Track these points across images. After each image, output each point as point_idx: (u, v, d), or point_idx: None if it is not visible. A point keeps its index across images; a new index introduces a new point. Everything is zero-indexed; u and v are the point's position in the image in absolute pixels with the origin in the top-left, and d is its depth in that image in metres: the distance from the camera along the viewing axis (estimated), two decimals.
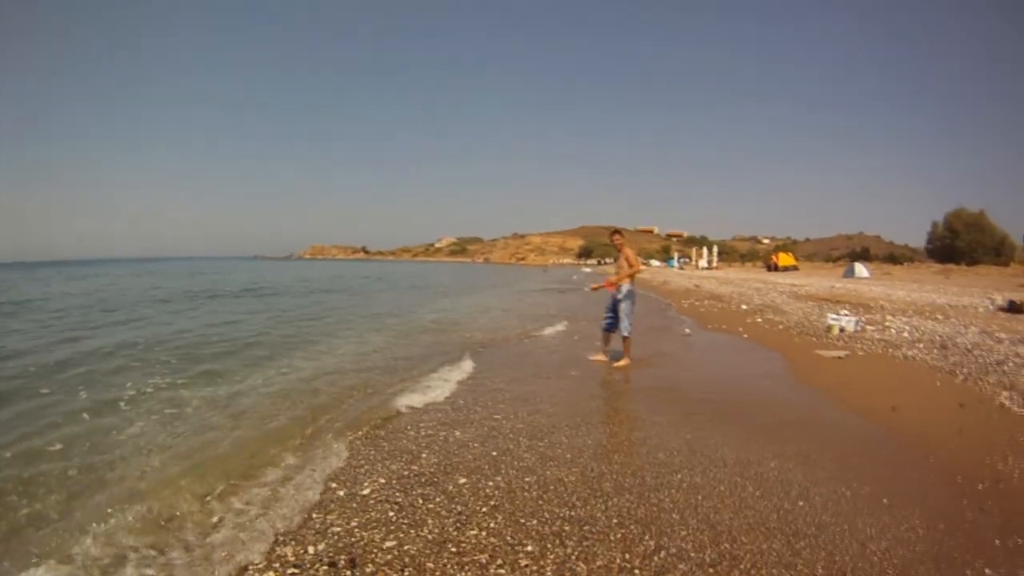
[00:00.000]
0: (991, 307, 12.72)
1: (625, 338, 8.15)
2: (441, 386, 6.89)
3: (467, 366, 8.19)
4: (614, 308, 8.24)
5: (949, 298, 15.53)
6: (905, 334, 9.31)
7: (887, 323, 10.61)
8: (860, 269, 34.46)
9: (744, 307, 15.07)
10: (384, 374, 7.69)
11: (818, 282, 26.14)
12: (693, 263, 72.63)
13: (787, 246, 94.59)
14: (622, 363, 8.10)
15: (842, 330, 9.73)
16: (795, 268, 51.51)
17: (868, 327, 10.24)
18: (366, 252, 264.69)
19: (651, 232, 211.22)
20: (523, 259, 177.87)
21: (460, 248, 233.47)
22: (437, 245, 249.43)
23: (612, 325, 8.31)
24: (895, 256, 72.35)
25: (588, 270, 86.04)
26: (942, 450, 4.36)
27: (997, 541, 2.96)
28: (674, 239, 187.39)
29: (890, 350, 8.12)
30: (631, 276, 8.06)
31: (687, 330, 11.36)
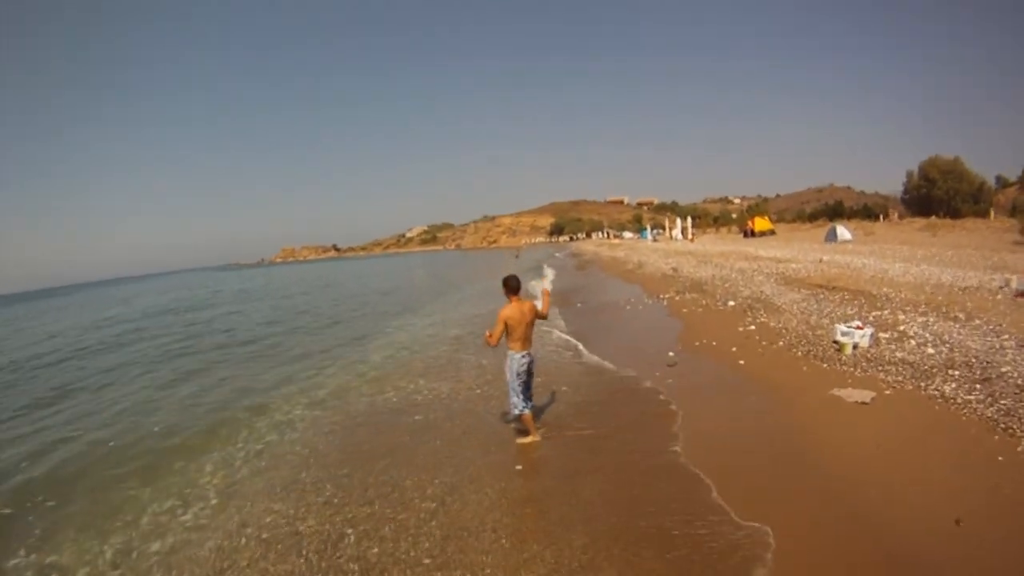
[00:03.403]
0: (1007, 290, 11.56)
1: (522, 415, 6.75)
2: None
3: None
4: (528, 375, 6.70)
5: (952, 273, 14.43)
6: (929, 349, 8.04)
7: (901, 327, 9.35)
8: (842, 232, 33.68)
9: (731, 303, 13.76)
10: None
11: (802, 254, 25.03)
12: (667, 234, 72.31)
13: (759, 205, 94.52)
14: (528, 439, 6.72)
15: (855, 347, 8.43)
16: (772, 232, 51.13)
17: (881, 335, 8.99)
18: (337, 250, 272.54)
19: (621, 203, 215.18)
20: (495, 242, 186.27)
21: (431, 237, 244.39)
22: (408, 235, 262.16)
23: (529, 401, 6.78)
24: (870, 208, 72.14)
25: (559, 255, 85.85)
26: None
27: None
28: (645, 207, 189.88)
29: (921, 384, 6.81)
30: (524, 339, 6.57)
31: (671, 353, 9.96)
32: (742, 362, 8.86)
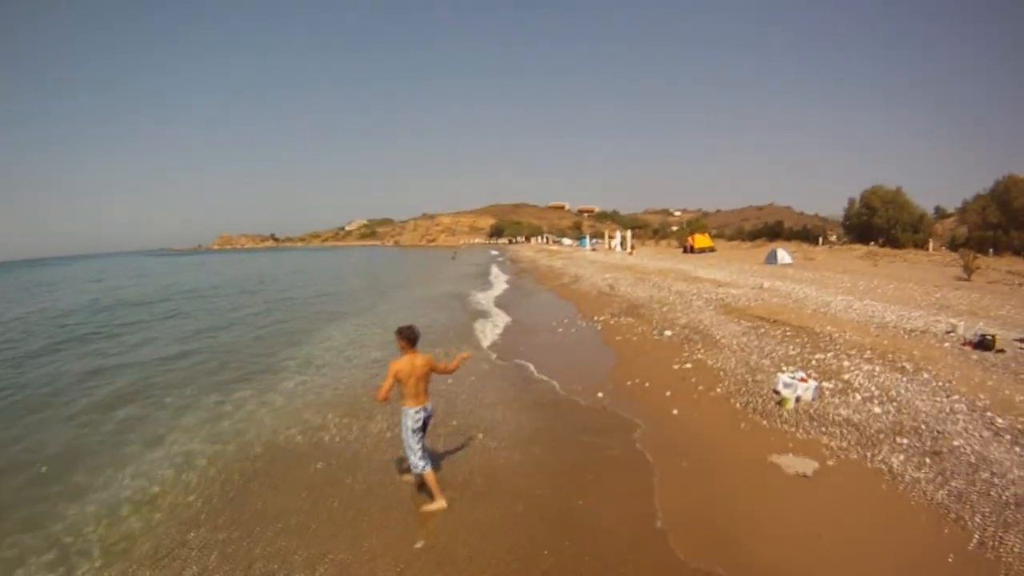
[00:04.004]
0: (954, 337, 11.44)
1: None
2: None
3: None
4: (424, 429, 6.08)
5: (897, 312, 14.39)
6: (876, 408, 7.68)
7: (846, 375, 8.97)
8: (783, 255, 34.26)
9: (668, 333, 13.28)
10: None
11: (742, 277, 25.07)
12: (606, 243, 72.94)
13: (699, 220, 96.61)
14: (433, 507, 5.96)
15: (798, 399, 7.91)
16: (712, 250, 51.96)
17: (825, 384, 8.56)
18: (275, 240, 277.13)
19: (562, 208, 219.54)
20: (433, 240, 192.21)
21: (370, 231, 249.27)
22: (348, 228, 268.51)
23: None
24: (809, 231, 74.60)
25: (496, 253, 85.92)
26: None
27: None
28: (585, 215, 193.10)
29: (867, 454, 6.35)
30: (419, 394, 5.97)
31: (600, 395, 9.27)
32: (675, 412, 8.27)
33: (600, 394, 9.34)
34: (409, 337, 5.93)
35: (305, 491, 6.50)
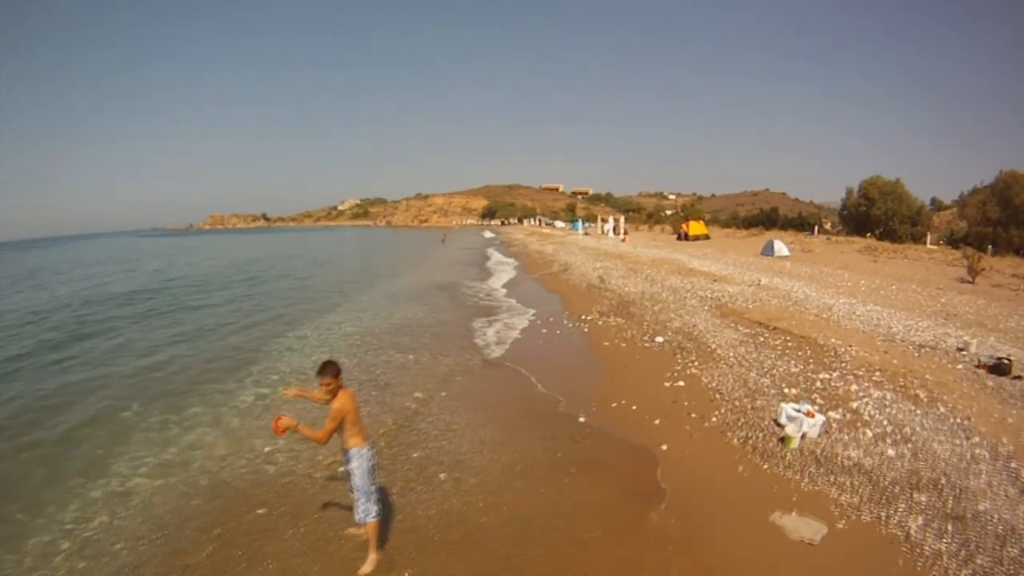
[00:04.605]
0: (966, 356, 10.74)
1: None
2: None
3: None
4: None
5: (903, 321, 13.63)
6: (889, 449, 6.93)
7: (854, 403, 8.22)
8: (780, 247, 33.39)
9: (660, 340, 12.49)
10: None
11: (739, 271, 24.29)
12: (599, 228, 72.19)
13: (694, 205, 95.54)
14: (366, 570, 5.29)
15: (803, 436, 7.11)
16: (706, 237, 51.17)
17: (832, 414, 7.82)
18: (267, 219, 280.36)
19: (556, 190, 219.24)
20: (426, 221, 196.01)
21: (363, 211, 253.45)
22: (340, 208, 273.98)
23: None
24: (805, 219, 73.85)
25: (491, 236, 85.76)
26: None
27: None
28: (579, 197, 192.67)
29: (882, 514, 5.59)
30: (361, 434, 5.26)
31: (581, 419, 8.47)
32: (665, 447, 7.47)
33: (582, 418, 8.55)
34: (337, 374, 5.08)
35: (240, 548, 5.70)
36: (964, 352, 11.17)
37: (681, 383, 9.68)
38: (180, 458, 8.08)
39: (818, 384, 9.15)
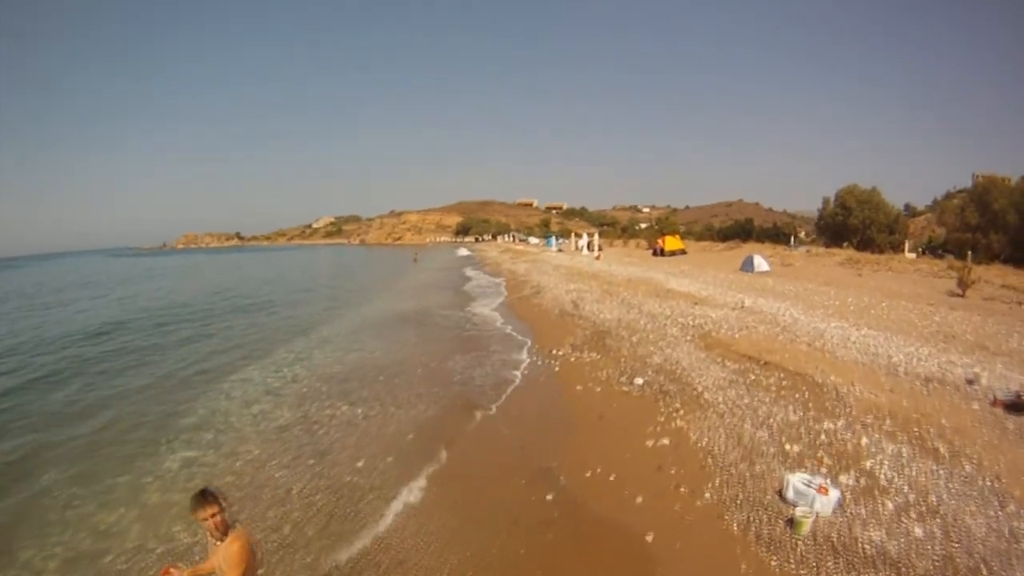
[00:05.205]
0: (977, 391, 9.81)
1: None
2: None
3: None
4: None
5: (902, 348, 12.59)
6: (916, 528, 5.77)
7: (867, 463, 7.08)
8: (759, 262, 32.60)
9: (639, 382, 11.27)
10: None
11: (719, 291, 23.23)
12: (572, 244, 71.70)
13: (668, 218, 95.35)
14: None
15: (816, 516, 5.91)
16: (683, 252, 50.53)
17: (842, 478, 6.69)
18: (241, 238, 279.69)
19: (530, 205, 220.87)
20: (399, 239, 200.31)
21: (337, 229, 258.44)
22: (315, 226, 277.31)
23: None
24: (780, 229, 73.77)
25: (468, 252, 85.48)
26: None
27: None
28: (554, 212, 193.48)
29: None
30: None
31: (549, 497, 7.15)
32: (650, 538, 6.15)
33: (550, 495, 7.22)
34: (217, 500, 3.79)
35: None
36: (975, 386, 10.13)
37: (666, 441, 8.42)
38: (93, 549, 6.81)
39: (823, 437, 7.99)
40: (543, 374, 13.16)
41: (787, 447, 7.80)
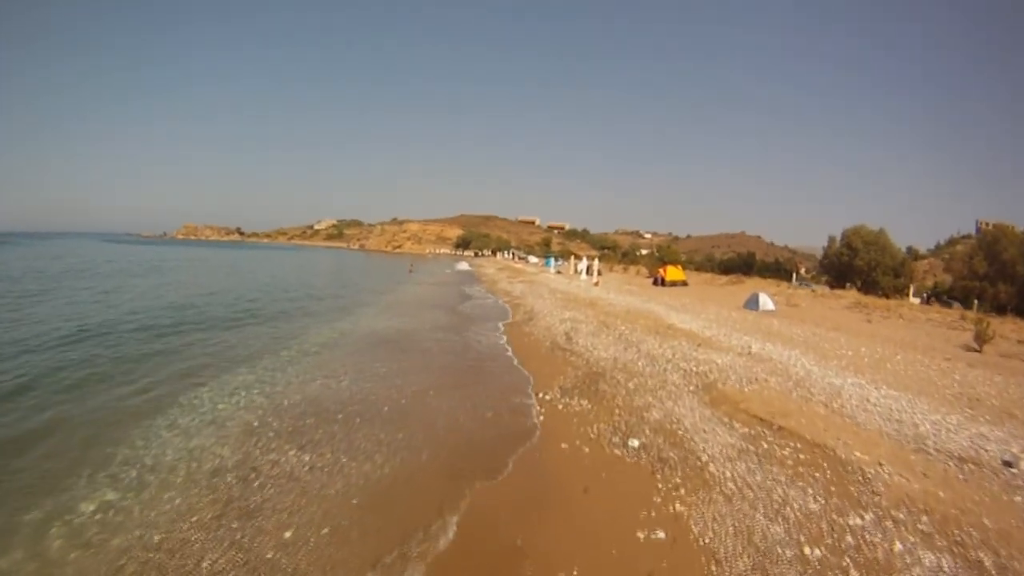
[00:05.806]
0: (1018, 477, 8.65)
1: None
2: None
3: None
4: None
5: (928, 416, 11.35)
6: None
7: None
8: (764, 300, 31.50)
9: (634, 444, 9.94)
10: None
11: (724, 331, 21.97)
12: (571, 267, 70.82)
13: (670, 246, 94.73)
14: None
15: None
16: (684, 283, 49.49)
17: None
18: (241, 234, 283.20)
19: (533, 223, 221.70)
20: (399, 247, 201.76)
21: (338, 232, 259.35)
22: (316, 227, 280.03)
23: None
24: (782, 265, 73.10)
25: (465, 266, 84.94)
26: None
27: None
28: (555, 231, 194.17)
29: None
30: None
31: None
32: None
33: None
34: None
35: None
36: (1014, 469, 8.93)
37: (662, 534, 7.03)
38: None
39: (848, 538, 6.69)
40: (525, 424, 11.62)
41: (807, 550, 6.50)
